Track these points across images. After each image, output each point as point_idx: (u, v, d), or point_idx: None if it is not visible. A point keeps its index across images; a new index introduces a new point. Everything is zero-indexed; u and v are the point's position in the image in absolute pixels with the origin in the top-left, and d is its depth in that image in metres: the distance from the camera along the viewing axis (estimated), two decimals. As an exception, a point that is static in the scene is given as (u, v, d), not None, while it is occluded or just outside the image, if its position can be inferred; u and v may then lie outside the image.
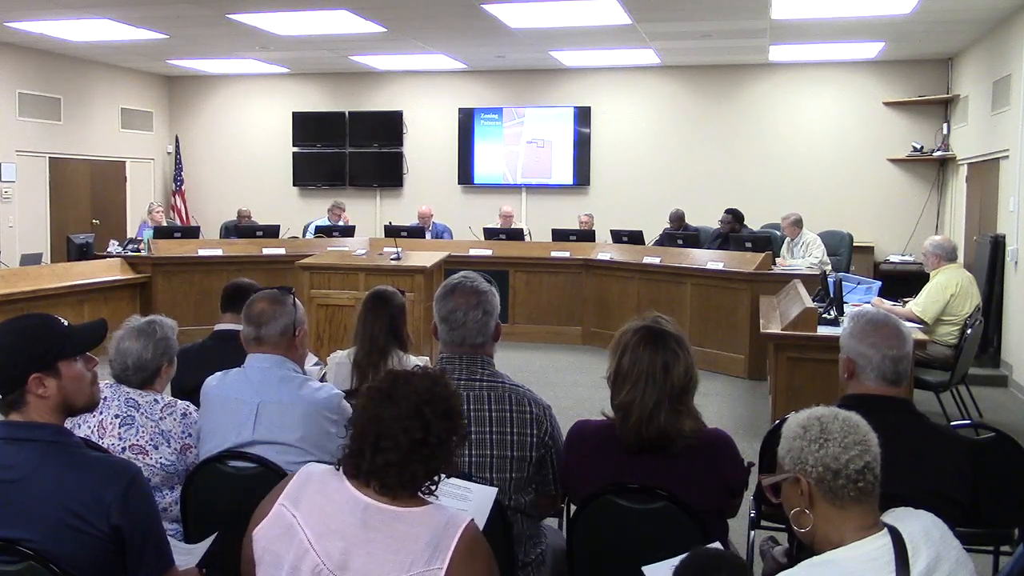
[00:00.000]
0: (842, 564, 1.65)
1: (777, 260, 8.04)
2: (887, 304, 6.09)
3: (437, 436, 1.71)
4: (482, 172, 11.82)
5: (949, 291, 5.83)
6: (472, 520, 1.73)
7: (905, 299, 6.19)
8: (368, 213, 12.06)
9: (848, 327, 2.43)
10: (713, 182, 10.99)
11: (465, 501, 2.16)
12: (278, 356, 2.75)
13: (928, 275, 6.12)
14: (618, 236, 9.24)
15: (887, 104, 10.60)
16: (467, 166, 11.85)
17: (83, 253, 8.68)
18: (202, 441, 2.67)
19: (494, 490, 2.20)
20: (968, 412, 5.94)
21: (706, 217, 10.01)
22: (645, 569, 2.01)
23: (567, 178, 11.59)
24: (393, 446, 1.68)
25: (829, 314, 5.58)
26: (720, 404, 6.58)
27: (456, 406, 1.77)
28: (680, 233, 9.14)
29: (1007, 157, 7.68)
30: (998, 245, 7.58)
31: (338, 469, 1.76)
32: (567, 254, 9.03)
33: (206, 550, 2.27)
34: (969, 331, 5.58)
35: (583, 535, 2.29)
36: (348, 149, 12.16)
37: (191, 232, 9.75)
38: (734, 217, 9.14)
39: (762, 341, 6.40)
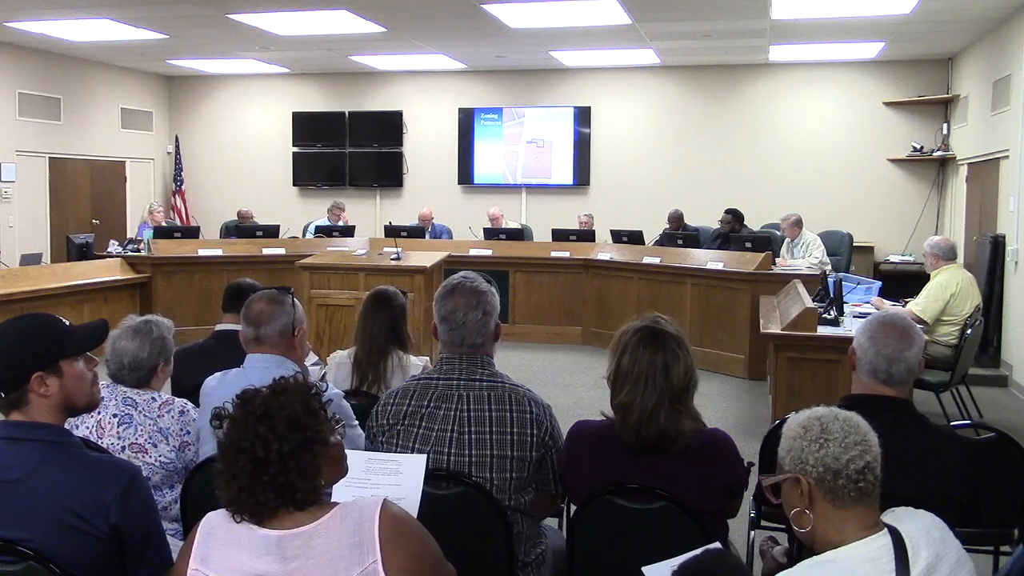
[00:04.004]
0: (842, 564, 1.65)
1: (777, 260, 8.04)
2: (887, 304, 6.09)
3: (280, 452, 1.62)
4: (482, 172, 11.82)
5: (949, 291, 5.83)
6: (384, 500, 1.68)
7: (905, 299, 6.19)
8: (368, 213, 12.06)
9: (864, 321, 2.49)
10: (713, 182, 10.99)
11: (396, 475, 2.17)
12: (277, 356, 2.75)
13: (928, 275, 6.12)
14: (618, 236, 9.24)
15: (887, 104, 10.60)
16: (467, 166, 11.85)
17: (83, 253, 8.67)
18: (202, 441, 2.67)
19: (423, 458, 2.21)
20: (968, 412, 5.94)
21: (706, 217, 10.02)
22: (645, 569, 2.00)
23: (567, 178, 11.59)
24: (237, 472, 1.62)
25: (829, 314, 5.59)
26: (720, 404, 6.58)
27: (299, 415, 1.66)
28: (680, 233, 9.14)
29: (1007, 157, 7.68)
30: (998, 245, 7.58)
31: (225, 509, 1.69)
32: (567, 254, 9.02)
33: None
34: (969, 331, 5.58)
35: (583, 535, 2.29)
36: (348, 149, 12.16)
37: (191, 232, 9.76)
38: (734, 217, 9.15)
39: (762, 341, 6.41)
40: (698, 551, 1.84)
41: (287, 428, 1.64)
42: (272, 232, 9.48)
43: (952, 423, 3.64)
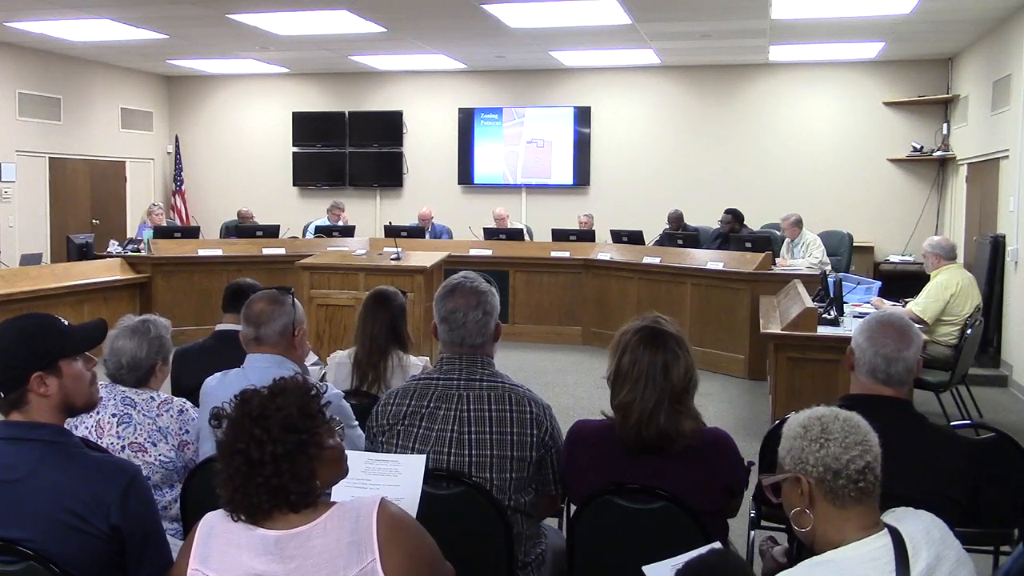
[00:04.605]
0: (842, 564, 1.64)
1: (777, 260, 8.04)
2: (887, 304, 6.09)
3: (273, 454, 1.61)
4: (482, 172, 11.82)
5: (949, 291, 5.83)
6: (381, 499, 1.67)
7: (905, 299, 6.19)
8: (368, 213, 12.06)
9: (862, 321, 2.48)
10: (713, 182, 10.99)
11: (395, 475, 2.17)
12: (277, 356, 2.75)
13: (928, 275, 6.12)
14: (618, 236, 9.24)
15: (887, 104, 10.60)
16: (467, 166, 11.84)
17: (83, 253, 8.67)
18: (201, 440, 2.67)
19: (422, 458, 2.21)
20: (968, 412, 5.94)
21: (706, 217, 10.02)
22: (646, 569, 2.00)
23: (567, 178, 11.59)
24: (232, 472, 1.63)
25: (829, 314, 5.59)
26: (720, 404, 6.58)
27: (294, 417, 1.65)
28: (680, 233, 9.14)
29: (1007, 157, 7.68)
30: (998, 245, 7.58)
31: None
32: (567, 254, 9.02)
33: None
34: (969, 331, 5.58)
35: (583, 535, 2.29)
36: (348, 149, 12.16)
37: (191, 232, 9.75)
38: (734, 217, 9.14)
39: (762, 341, 6.40)
40: (701, 550, 1.84)
41: (281, 431, 1.64)
42: (272, 232, 9.48)
43: (952, 423, 3.64)
